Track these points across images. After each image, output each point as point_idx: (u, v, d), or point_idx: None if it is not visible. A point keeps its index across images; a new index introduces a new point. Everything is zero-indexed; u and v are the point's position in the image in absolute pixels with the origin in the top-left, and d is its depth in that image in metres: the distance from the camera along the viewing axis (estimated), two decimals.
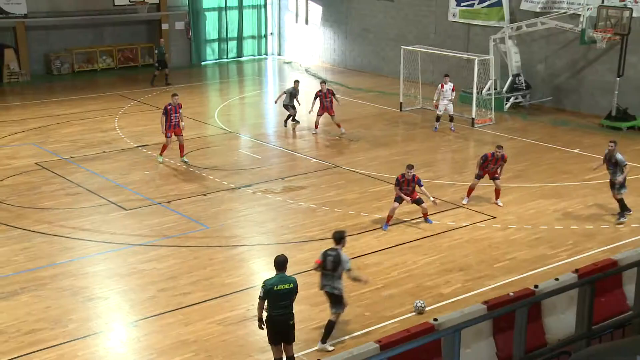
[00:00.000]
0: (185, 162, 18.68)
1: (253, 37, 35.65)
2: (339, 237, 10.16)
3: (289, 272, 9.50)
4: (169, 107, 18.50)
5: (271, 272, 12.74)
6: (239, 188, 16.93)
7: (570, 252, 13.29)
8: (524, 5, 25.27)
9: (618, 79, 22.07)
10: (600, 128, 21.97)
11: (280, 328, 9.23)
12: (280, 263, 9.29)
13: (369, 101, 26.04)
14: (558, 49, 24.65)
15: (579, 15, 22.61)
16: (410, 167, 14.54)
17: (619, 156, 14.62)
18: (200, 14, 33.71)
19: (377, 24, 30.97)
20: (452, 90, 21.73)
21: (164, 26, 32.70)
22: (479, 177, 15.72)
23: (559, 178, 17.52)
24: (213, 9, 34.18)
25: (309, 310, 11.27)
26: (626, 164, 14.61)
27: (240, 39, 35.13)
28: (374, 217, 15.06)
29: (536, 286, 9.63)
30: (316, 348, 10.24)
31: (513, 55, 24.63)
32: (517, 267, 12.72)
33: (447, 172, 18.11)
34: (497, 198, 15.71)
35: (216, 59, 34.57)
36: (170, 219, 15.06)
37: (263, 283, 9.25)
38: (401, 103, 24.73)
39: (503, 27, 24.87)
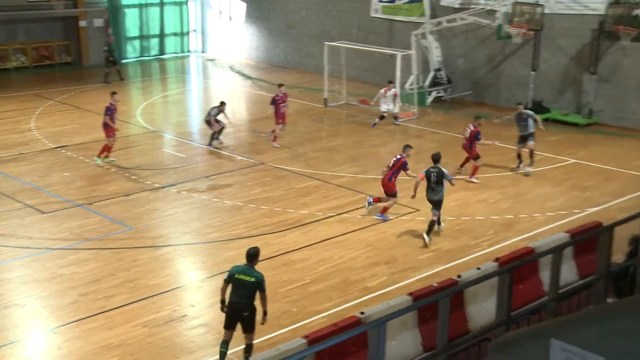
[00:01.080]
0: (104, 162, 18.23)
1: (175, 34, 35.11)
2: (438, 158, 13.72)
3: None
4: (112, 107, 18.16)
5: (196, 272, 12.65)
6: (163, 187, 16.66)
7: (491, 242, 13.63)
8: (444, 1, 25.78)
9: (533, 73, 22.80)
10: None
11: (234, 315, 9.43)
12: (250, 255, 9.52)
13: (293, 97, 25.97)
14: (477, 44, 25.26)
15: (496, 11, 23.24)
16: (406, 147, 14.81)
17: (529, 111, 17.77)
18: (120, 10, 32.96)
19: (300, 20, 31.00)
20: (395, 96, 21.85)
21: (82, 23, 31.84)
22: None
23: (480, 170, 17.91)
24: (133, 6, 33.46)
25: None
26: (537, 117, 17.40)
27: (162, 36, 34.55)
28: (300, 213, 15.07)
29: (459, 276, 9.82)
30: (240, 347, 10.16)
31: (434, 50, 25.10)
32: (441, 258, 12.95)
33: (373, 167, 18.27)
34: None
35: (138, 57, 33.88)
36: (91, 221, 14.68)
37: (230, 268, 9.49)
38: (325, 99, 24.83)
39: (424, 22, 25.30)
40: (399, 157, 14.71)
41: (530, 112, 17.87)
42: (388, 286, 11.92)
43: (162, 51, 34.65)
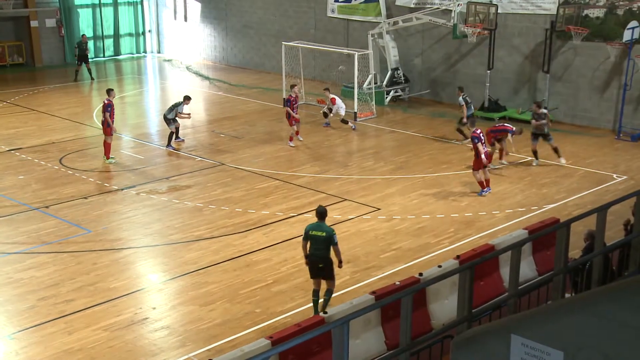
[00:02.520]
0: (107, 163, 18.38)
1: (131, 34, 34.73)
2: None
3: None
4: (106, 102, 18.24)
5: (157, 274, 12.57)
6: (122, 190, 16.51)
7: (452, 240, 13.81)
8: (400, 1, 26.01)
9: (488, 71, 23.16)
10: (475, 119, 22.91)
11: (314, 266, 10.72)
12: (319, 213, 10.74)
13: (252, 98, 26.01)
14: (433, 43, 25.55)
15: (451, 10, 23.55)
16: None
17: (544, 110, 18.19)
18: (73, 10, 32.45)
19: (257, 20, 30.95)
20: (333, 103, 21.70)
21: (33, 23, 31.28)
22: None
23: (439, 168, 18.17)
24: (86, 6, 32.99)
25: (198, 311, 11.15)
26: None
27: (117, 36, 34.14)
28: (261, 214, 15.07)
29: (420, 274, 9.95)
30: (203, 349, 10.14)
31: (391, 49, 25.30)
32: (402, 257, 13.08)
33: (333, 167, 18.38)
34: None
35: (92, 58, 33.35)
36: (49, 224, 14.47)
37: (305, 227, 10.77)
38: (284, 99, 24.78)
39: (380, 22, 25.49)
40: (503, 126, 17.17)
41: (545, 110, 18.39)
42: (351, 285, 12.00)
43: (117, 51, 34.24)
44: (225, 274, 12.36)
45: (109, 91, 18.60)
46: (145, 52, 35.29)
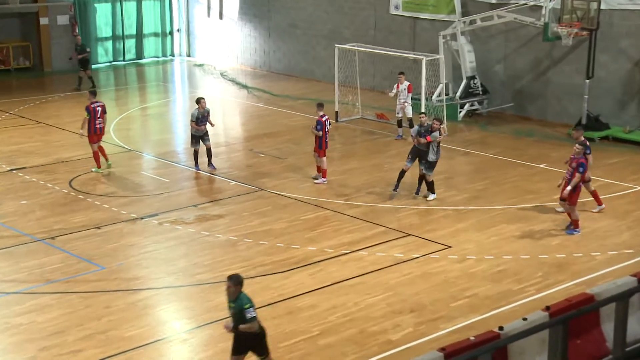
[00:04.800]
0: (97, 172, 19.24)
1: (156, 34, 35.44)
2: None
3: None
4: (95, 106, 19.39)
5: (182, 322, 12.62)
6: (142, 218, 16.67)
7: (540, 286, 13.56)
8: None
9: (587, 81, 22.83)
10: (569, 139, 22.57)
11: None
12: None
13: (298, 111, 26.15)
14: (519, 47, 25.39)
15: (541, 7, 23.36)
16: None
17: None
18: (89, 6, 33.25)
19: (306, 18, 31.24)
20: (409, 91, 22.46)
21: (43, 20, 32.11)
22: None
23: (524, 199, 17.91)
24: (105, 1, 33.77)
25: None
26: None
27: (140, 36, 34.86)
28: (306, 250, 15.05)
29: (501, 328, 9.78)
30: None
31: (467, 54, 25.21)
32: (478, 306, 12.89)
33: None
34: None
35: (110, 61, 34.15)
36: (54, 259, 14.68)
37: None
38: (337, 112, 24.92)
39: (454, 21, 25.46)
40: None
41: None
42: (414, 339, 11.85)
43: (139, 55, 34.94)
44: (263, 323, 12.27)
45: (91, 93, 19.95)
46: (172, 55, 35.95)
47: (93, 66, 32.07)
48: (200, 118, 19.38)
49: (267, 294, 13.26)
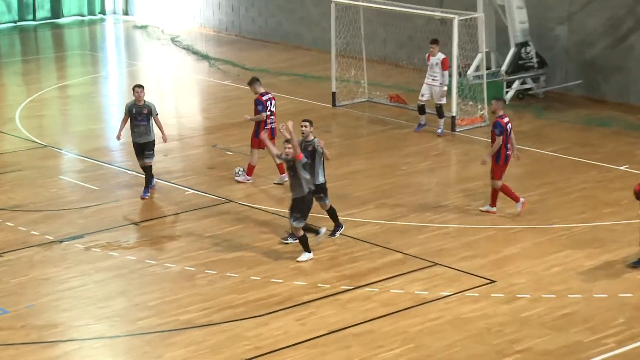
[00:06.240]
0: None
1: None
2: None
3: None
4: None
5: None
6: (61, 242, 16.62)
7: (621, 338, 13.45)
8: None
9: None
10: None
11: None
12: None
13: (282, 91, 26.07)
14: (589, 1, 25.41)
15: None
16: None
17: None
18: None
19: None
20: (444, 66, 22.32)
21: None
22: None
23: (598, 214, 17.91)
24: None
25: None
26: None
27: None
28: (292, 285, 15.01)
29: None
30: None
31: (516, 12, 25.22)
32: None
33: (413, 208, 18.27)
34: None
35: (15, 21, 34.08)
36: None
37: None
38: (334, 93, 24.89)
39: None
40: None
41: None
42: None
43: (56, 12, 34.96)
44: None
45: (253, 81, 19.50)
46: (103, 13, 35.94)
47: None
48: (134, 114, 18.55)
49: (237, 347, 13.17)
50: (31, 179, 19.71)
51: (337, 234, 16.96)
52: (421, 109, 22.82)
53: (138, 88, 18.65)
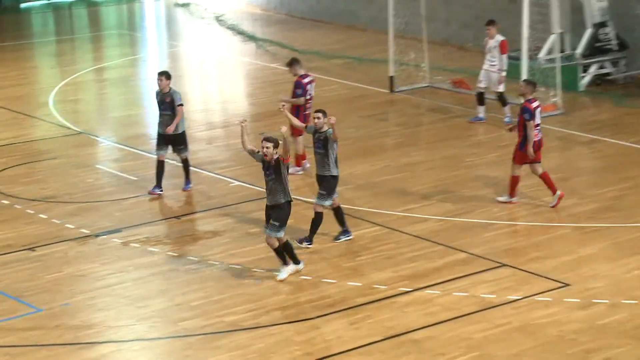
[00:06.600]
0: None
1: None
2: None
3: None
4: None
5: None
6: (98, 236, 16.76)
7: None
8: None
9: None
10: None
11: None
12: None
13: (334, 75, 26.10)
14: None
15: None
16: None
17: None
18: None
19: None
20: (502, 49, 22.27)
21: None
22: None
23: None
24: None
25: None
26: None
27: None
28: (346, 286, 15.00)
29: None
30: None
31: None
32: None
33: (479, 203, 18.24)
34: None
35: (48, 0, 34.33)
36: None
37: None
38: (391, 78, 24.87)
39: None
40: None
41: None
42: None
43: None
44: None
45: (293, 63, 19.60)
46: None
47: (22, 5, 32.27)
48: (158, 102, 18.71)
49: (286, 352, 13.18)
50: (65, 168, 19.89)
51: (343, 238, 16.75)
52: (479, 98, 22.69)
53: (161, 75, 18.63)
